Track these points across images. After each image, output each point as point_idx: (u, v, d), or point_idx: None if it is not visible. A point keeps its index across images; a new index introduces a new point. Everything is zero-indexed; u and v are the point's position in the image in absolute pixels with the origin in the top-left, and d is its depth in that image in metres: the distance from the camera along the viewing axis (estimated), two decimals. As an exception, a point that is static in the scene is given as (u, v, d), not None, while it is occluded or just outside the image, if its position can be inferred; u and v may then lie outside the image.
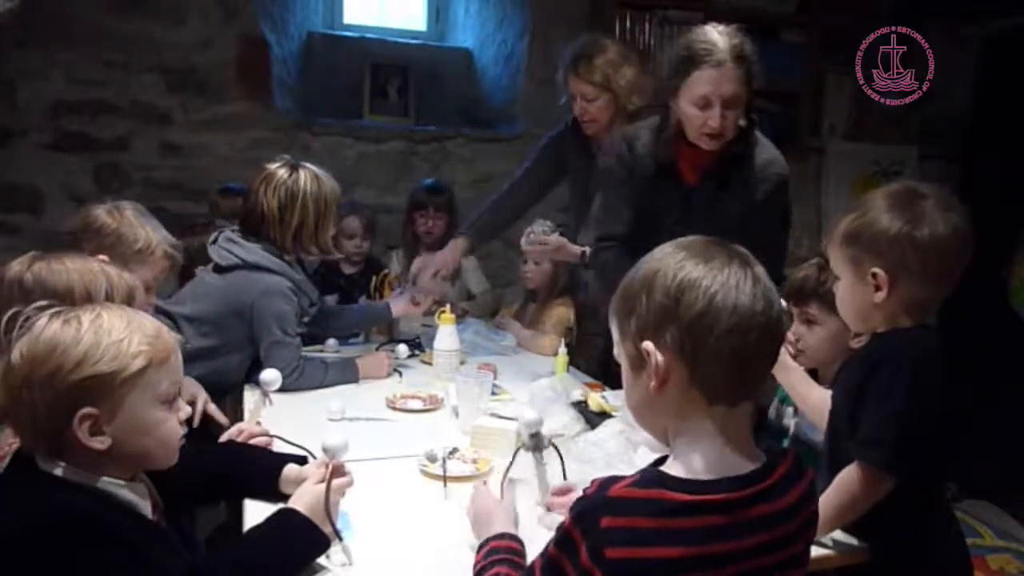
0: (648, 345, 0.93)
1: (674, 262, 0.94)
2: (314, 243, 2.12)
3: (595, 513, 0.90)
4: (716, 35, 1.89)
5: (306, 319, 2.25)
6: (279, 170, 2.10)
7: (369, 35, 3.72)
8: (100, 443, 1.02)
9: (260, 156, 3.24)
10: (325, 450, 1.30)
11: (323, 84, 3.59)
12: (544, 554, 0.96)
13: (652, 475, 0.93)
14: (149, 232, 1.85)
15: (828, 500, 1.26)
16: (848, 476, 1.27)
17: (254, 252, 2.06)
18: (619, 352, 1.01)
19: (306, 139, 3.35)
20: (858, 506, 1.27)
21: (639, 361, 0.96)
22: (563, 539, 0.93)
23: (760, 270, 0.95)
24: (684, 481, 0.91)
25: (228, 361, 2.06)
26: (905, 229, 1.25)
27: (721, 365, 0.92)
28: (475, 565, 1.15)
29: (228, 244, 2.08)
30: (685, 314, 0.91)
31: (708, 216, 1.95)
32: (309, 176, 2.10)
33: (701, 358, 0.91)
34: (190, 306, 2.06)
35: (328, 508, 1.23)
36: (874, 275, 1.27)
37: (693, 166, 2.02)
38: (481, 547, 1.17)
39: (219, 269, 2.08)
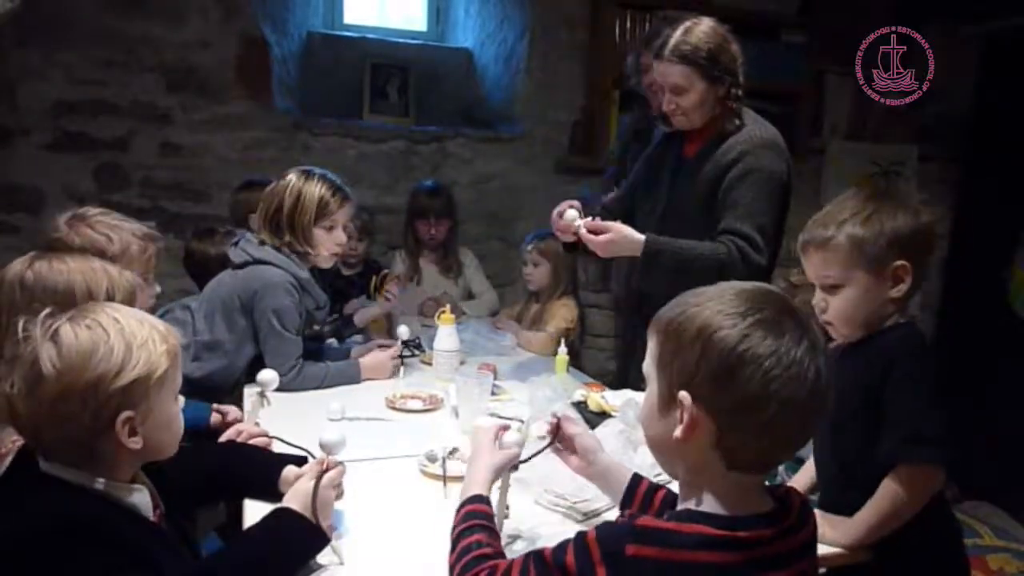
0: (685, 397, 0.90)
1: (741, 326, 0.88)
2: (289, 228, 2.10)
3: (621, 539, 0.88)
4: (677, 29, 1.97)
5: (317, 327, 2.29)
6: (285, 173, 2.17)
7: (369, 35, 3.72)
8: (136, 443, 1.04)
9: (260, 156, 3.27)
10: (322, 446, 1.31)
11: (323, 84, 3.59)
12: (557, 558, 0.93)
13: (681, 511, 0.93)
14: (114, 234, 1.76)
15: (874, 510, 1.26)
16: (897, 481, 1.25)
17: (262, 249, 2.12)
18: (648, 373, 0.98)
19: (306, 139, 3.35)
20: (910, 510, 1.26)
21: (669, 401, 0.93)
22: (581, 551, 0.90)
23: (824, 355, 0.91)
24: (711, 516, 0.90)
25: (236, 356, 2.11)
26: (923, 219, 1.33)
27: (753, 443, 0.90)
28: (454, 525, 1.14)
29: (245, 244, 2.15)
30: (737, 390, 0.87)
31: (687, 188, 2.05)
32: (303, 175, 2.13)
33: (736, 431, 0.89)
34: (206, 303, 2.15)
35: (315, 505, 1.22)
36: (896, 269, 1.31)
37: (692, 141, 2.10)
38: (462, 506, 1.17)
39: (235, 267, 2.14)
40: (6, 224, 3.09)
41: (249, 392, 1.91)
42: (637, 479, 1.29)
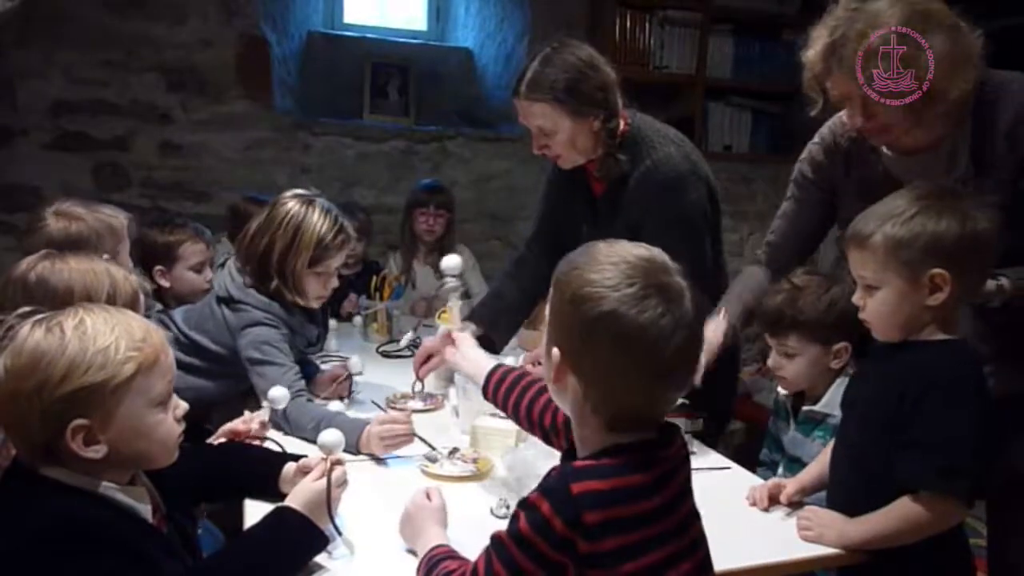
0: (556, 355, 0.98)
1: (608, 299, 0.92)
2: (278, 273, 1.87)
3: (564, 483, 0.93)
4: (535, 60, 1.77)
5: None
6: (282, 198, 1.93)
7: (369, 35, 3.73)
8: (95, 452, 1.01)
9: (260, 156, 3.27)
10: (321, 446, 1.31)
11: (323, 84, 3.59)
12: (511, 537, 0.94)
13: (591, 452, 0.99)
14: (100, 216, 1.79)
15: (885, 524, 1.25)
16: (920, 506, 1.23)
17: (242, 289, 1.90)
18: (547, 316, 1.04)
19: (306, 139, 3.36)
20: (922, 535, 1.24)
21: (549, 349, 1.00)
22: (531, 512, 0.93)
23: (691, 328, 0.94)
24: (607, 449, 0.96)
25: (208, 387, 1.93)
26: (968, 227, 1.24)
27: (613, 403, 0.95)
28: (418, 570, 1.13)
29: (227, 275, 1.96)
30: (593, 356, 0.94)
31: (614, 223, 1.85)
32: (305, 205, 1.89)
33: (595, 388, 0.96)
34: (195, 329, 1.96)
35: (330, 504, 1.23)
36: (933, 277, 1.24)
37: (594, 177, 1.93)
38: (423, 558, 1.14)
39: (217, 299, 1.96)
40: (6, 224, 3.09)
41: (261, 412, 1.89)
42: (496, 368, 1.41)
